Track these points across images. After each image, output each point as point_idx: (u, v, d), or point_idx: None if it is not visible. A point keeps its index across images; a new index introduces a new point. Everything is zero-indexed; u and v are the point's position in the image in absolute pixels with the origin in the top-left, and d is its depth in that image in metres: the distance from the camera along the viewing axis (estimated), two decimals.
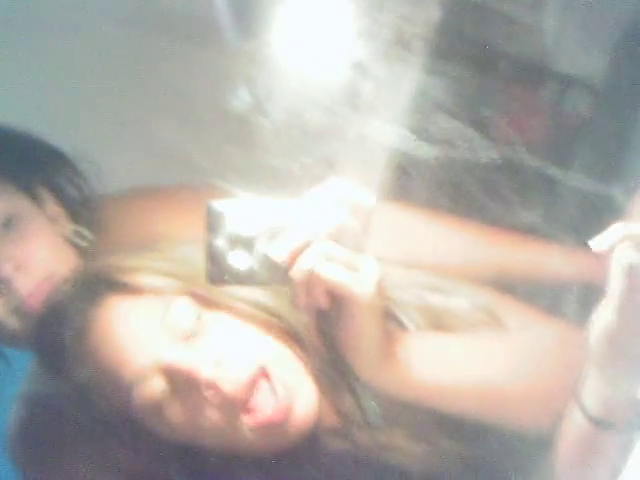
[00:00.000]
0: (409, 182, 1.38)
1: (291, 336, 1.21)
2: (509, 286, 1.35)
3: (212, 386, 1.14)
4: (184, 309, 1.18)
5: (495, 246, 1.41)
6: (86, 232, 1.48)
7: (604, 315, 1.03)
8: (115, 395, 1.19)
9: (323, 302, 1.11)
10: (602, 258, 1.00)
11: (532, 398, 1.19)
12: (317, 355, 1.21)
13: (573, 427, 1.12)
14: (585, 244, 1.03)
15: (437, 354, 1.21)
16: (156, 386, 1.16)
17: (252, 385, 1.15)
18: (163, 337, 1.17)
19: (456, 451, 1.23)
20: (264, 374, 1.16)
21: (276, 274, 1.10)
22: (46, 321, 1.28)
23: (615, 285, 1.01)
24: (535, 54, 1.52)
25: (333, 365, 1.21)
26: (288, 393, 1.15)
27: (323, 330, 1.19)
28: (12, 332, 1.39)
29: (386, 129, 1.38)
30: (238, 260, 1.10)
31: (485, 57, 1.46)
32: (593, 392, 1.09)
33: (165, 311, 1.18)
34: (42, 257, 1.39)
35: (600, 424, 1.09)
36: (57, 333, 1.23)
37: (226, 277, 1.10)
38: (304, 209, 1.10)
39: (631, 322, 1.02)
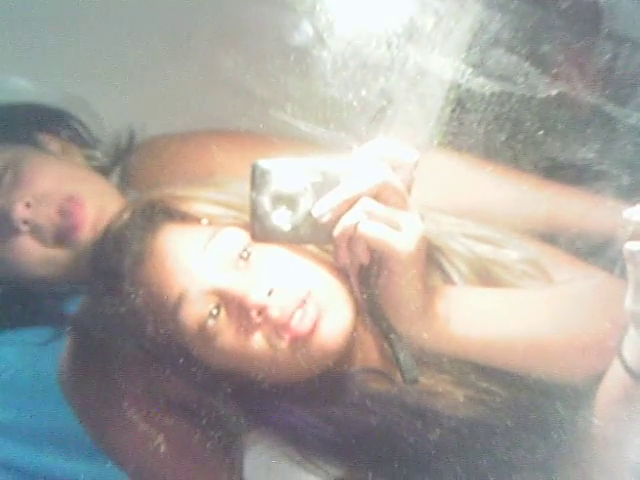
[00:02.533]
0: (466, 116, 1.38)
1: (341, 271, 1.23)
2: (557, 238, 1.36)
3: (262, 311, 1.17)
4: (232, 236, 1.21)
5: (544, 197, 1.41)
6: (98, 154, 1.53)
7: (627, 292, 1.05)
8: (166, 319, 1.22)
9: (364, 258, 1.13)
10: None
11: (574, 350, 1.20)
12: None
13: (613, 379, 1.14)
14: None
15: (477, 309, 1.22)
16: (204, 308, 1.19)
17: (297, 310, 1.18)
18: (215, 263, 1.20)
19: (498, 397, 1.24)
20: (308, 297, 1.18)
21: (319, 232, 1.12)
22: (105, 247, 1.31)
23: (629, 272, 1.04)
24: None
25: (374, 320, 1.23)
26: (318, 310, 1.17)
27: (364, 285, 1.20)
28: (62, 266, 1.42)
29: (444, 63, 1.38)
30: (282, 218, 1.12)
31: None
32: (632, 346, 1.10)
33: (215, 238, 1.21)
34: (52, 184, 1.42)
35: (638, 377, 1.10)
36: (115, 258, 1.27)
37: (269, 234, 1.13)
38: (347, 167, 1.11)
39: None
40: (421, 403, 1.24)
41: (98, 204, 1.41)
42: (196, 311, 1.19)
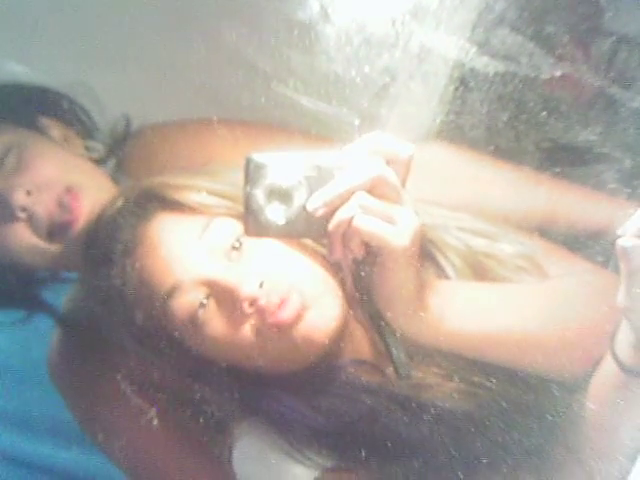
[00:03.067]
0: (469, 95, 1.38)
1: (334, 265, 1.23)
2: (552, 232, 1.36)
3: (252, 302, 1.17)
4: (225, 227, 1.21)
5: (541, 191, 1.41)
6: (99, 146, 1.52)
7: (620, 289, 1.05)
8: (156, 307, 1.22)
9: (359, 253, 1.12)
10: None
11: (567, 345, 1.20)
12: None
13: (605, 373, 1.14)
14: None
15: (471, 303, 1.22)
16: (195, 298, 1.20)
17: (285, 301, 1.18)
18: (208, 253, 1.20)
19: (489, 389, 1.24)
20: (293, 289, 1.18)
21: (313, 226, 1.11)
22: (97, 234, 1.31)
23: (621, 268, 1.04)
24: None
25: (368, 314, 1.23)
26: (303, 299, 1.18)
27: (358, 280, 1.20)
28: (50, 257, 1.42)
29: (449, 41, 1.38)
30: (276, 212, 1.10)
31: None
32: (625, 341, 1.11)
33: (209, 228, 1.21)
34: (53, 174, 1.41)
35: (630, 372, 1.11)
36: (107, 245, 1.27)
37: (263, 229, 1.11)
38: (342, 161, 1.10)
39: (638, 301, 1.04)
40: (413, 395, 1.24)
41: (95, 198, 1.40)
42: (187, 300, 1.20)
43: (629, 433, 1.13)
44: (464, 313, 1.20)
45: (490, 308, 1.22)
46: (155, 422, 1.32)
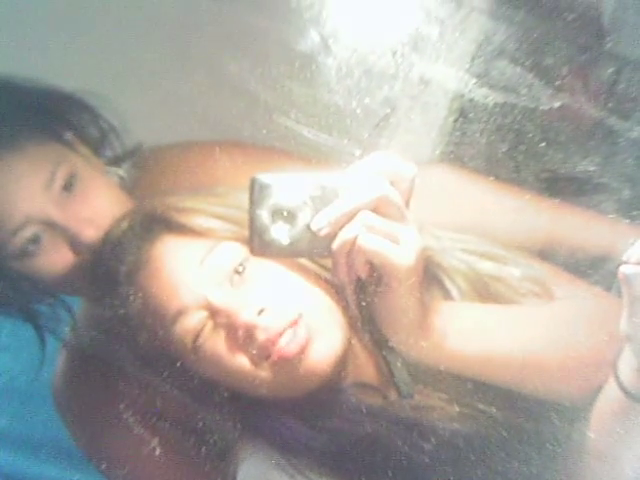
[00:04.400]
0: (469, 126, 1.39)
1: (336, 289, 1.23)
2: (555, 255, 1.36)
3: (250, 330, 1.17)
4: (229, 251, 1.21)
5: (544, 215, 1.41)
6: (121, 171, 1.49)
7: (623, 315, 1.06)
8: (160, 331, 1.22)
9: (363, 272, 1.12)
10: None
11: (570, 368, 1.20)
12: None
13: (609, 398, 1.14)
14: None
15: (474, 325, 1.22)
16: (196, 322, 1.19)
17: (287, 330, 1.18)
18: (211, 277, 1.20)
19: (491, 416, 1.24)
20: (298, 319, 1.18)
21: (318, 246, 1.11)
22: (102, 254, 1.30)
23: (623, 294, 1.05)
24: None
25: (370, 335, 1.23)
26: (308, 332, 1.17)
27: (361, 299, 1.20)
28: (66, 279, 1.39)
29: (448, 73, 1.39)
30: (280, 232, 1.11)
31: (551, 4, 1.45)
32: (628, 366, 1.10)
33: (212, 252, 1.21)
34: (106, 209, 1.37)
35: (633, 397, 1.10)
36: (112, 266, 1.27)
37: (268, 248, 1.12)
38: (346, 181, 1.11)
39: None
40: (415, 417, 1.24)
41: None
42: (190, 325, 1.20)
43: (630, 463, 1.13)
44: (466, 334, 1.20)
45: (492, 329, 1.23)
46: (158, 451, 1.32)
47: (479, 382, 1.23)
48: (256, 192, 1.10)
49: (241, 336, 1.18)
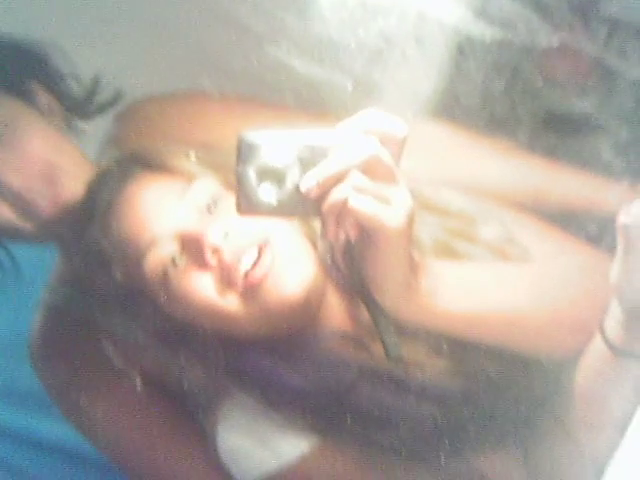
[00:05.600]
0: (465, 62, 1.37)
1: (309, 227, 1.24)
2: (544, 212, 1.35)
3: (215, 252, 1.18)
4: (203, 188, 1.23)
5: (533, 170, 1.40)
6: (81, 123, 1.50)
7: (614, 266, 1.06)
8: (131, 266, 1.23)
9: (352, 234, 1.10)
10: None
11: (557, 326, 1.20)
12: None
13: (594, 352, 1.15)
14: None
15: (463, 283, 1.22)
16: (166, 253, 1.20)
17: (249, 253, 1.19)
18: (184, 210, 1.21)
19: (478, 362, 1.24)
20: (264, 246, 1.19)
21: (306, 206, 1.09)
22: (82, 195, 1.32)
23: (619, 244, 1.05)
24: None
25: (358, 295, 1.21)
26: (274, 260, 1.19)
27: (349, 260, 1.18)
28: (30, 230, 1.40)
29: (445, 8, 1.37)
30: (268, 192, 1.09)
31: None
32: (614, 321, 1.11)
33: (189, 189, 1.23)
34: (39, 153, 1.39)
35: (618, 352, 1.11)
36: (89, 204, 1.29)
37: (255, 208, 1.10)
38: (335, 140, 1.08)
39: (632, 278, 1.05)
40: (400, 371, 1.25)
41: (72, 177, 1.39)
42: (162, 256, 1.21)
43: (618, 405, 1.13)
44: (455, 293, 1.19)
45: (481, 288, 1.22)
46: (135, 408, 1.35)
47: (465, 340, 1.22)
48: (243, 151, 1.08)
49: (208, 261, 1.18)
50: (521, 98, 1.37)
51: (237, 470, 1.30)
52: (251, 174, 1.08)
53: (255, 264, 1.18)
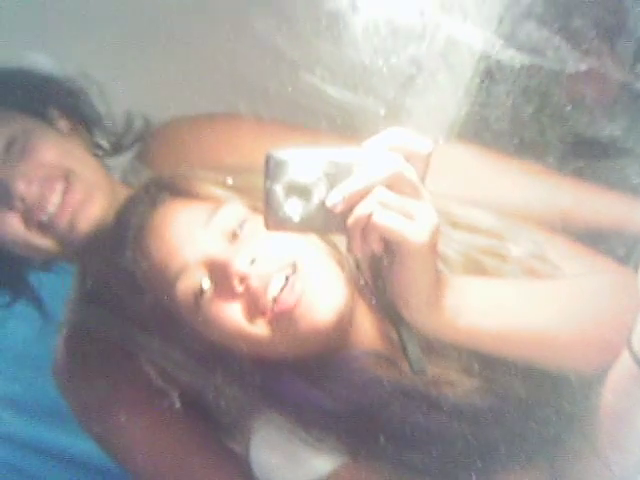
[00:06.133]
0: (495, 87, 1.38)
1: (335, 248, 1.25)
2: (572, 231, 1.36)
3: (243, 279, 1.19)
4: (230, 213, 1.24)
5: (561, 190, 1.41)
6: (105, 144, 1.52)
7: None
8: (165, 292, 1.24)
9: (377, 248, 1.11)
10: None
11: (585, 344, 1.20)
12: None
13: (622, 368, 1.15)
14: None
15: (488, 300, 1.21)
16: (197, 280, 1.21)
17: (277, 278, 1.20)
18: (211, 237, 1.22)
19: (508, 381, 1.24)
20: (292, 271, 1.20)
21: (333, 222, 1.10)
22: (110, 222, 1.34)
23: None
24: None
25: (383, 310, 1.23)
26: (304, 285, 1.19)
27: (375, 275, 1.20)
28: (43, 249, 1.42)
29: (476, 34, 1.38)
30: (295, 208, 1.10)
31: None
32: None
33: (215, 214, 1.24)
34: (53, 160, 1.41)
35: None
36: (118, 231, 1.30)
37: (282, 224, 1.12)
38: (361, 158, 1.10)
39: None
40: (431, 390, 1.25)
41: (90, 190, 1.42)
42: (191, 282, 1.22)
43: None
44: (481, 310, 1.20)
45: (509, 305, 1.22)
46: (165, 428, 1.36)
47: (492, 357, 1.23)
48: (271, 168, 1.10)
49: (236, 288, 1.19)
50: (550, 122, 1.38)
51: None
52: (279, 190, 1.10)
53: (283, 289, 1.19)
